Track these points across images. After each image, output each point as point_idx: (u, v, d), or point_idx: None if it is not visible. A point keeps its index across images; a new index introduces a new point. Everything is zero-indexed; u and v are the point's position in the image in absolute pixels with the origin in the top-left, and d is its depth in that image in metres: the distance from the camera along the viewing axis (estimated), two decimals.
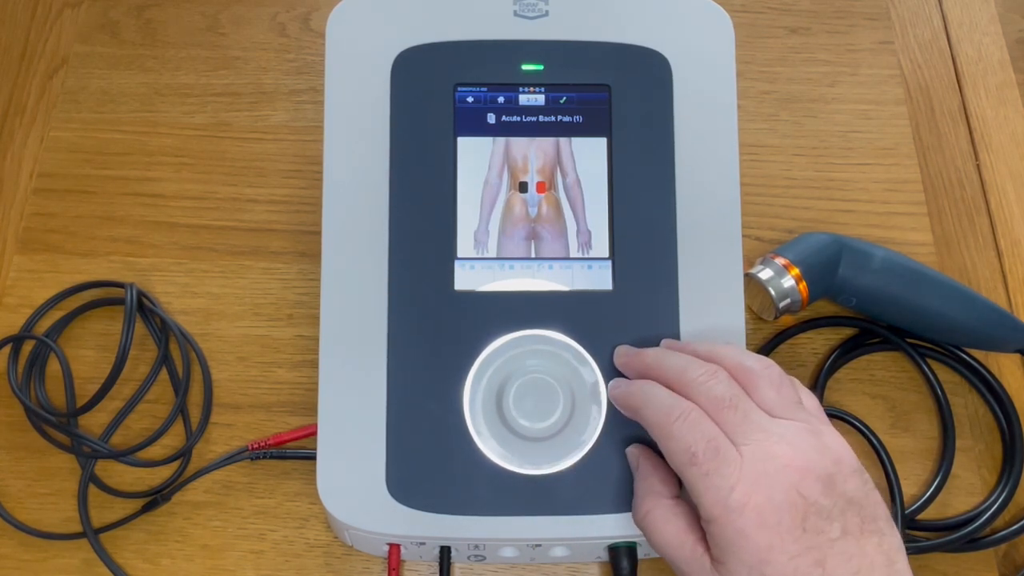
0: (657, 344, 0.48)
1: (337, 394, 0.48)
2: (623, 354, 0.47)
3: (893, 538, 0.40)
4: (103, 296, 0.59)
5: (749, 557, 0.39)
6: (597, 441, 0.47)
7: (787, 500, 0.39)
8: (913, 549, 0.53)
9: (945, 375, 0.58)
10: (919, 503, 0.54)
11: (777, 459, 0.40)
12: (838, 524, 0.39)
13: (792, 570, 0.38)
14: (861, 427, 0.55)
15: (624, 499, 0.47)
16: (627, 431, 0.47)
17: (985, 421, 0.58)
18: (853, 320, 0.59)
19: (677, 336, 0.48)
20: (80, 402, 0.55)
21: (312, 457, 0.50)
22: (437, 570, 0.50)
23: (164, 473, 0.55)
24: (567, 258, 0.49)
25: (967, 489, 0.56)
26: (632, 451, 0.47)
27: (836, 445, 0.41)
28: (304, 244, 0.61)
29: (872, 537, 0.39)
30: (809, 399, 0.44)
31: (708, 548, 0.41)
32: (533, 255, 0.49)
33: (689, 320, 0.48)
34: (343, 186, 0.49)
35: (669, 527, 0.42)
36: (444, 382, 0.48)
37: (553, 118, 0.50)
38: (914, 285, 0.56)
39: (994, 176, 0.65)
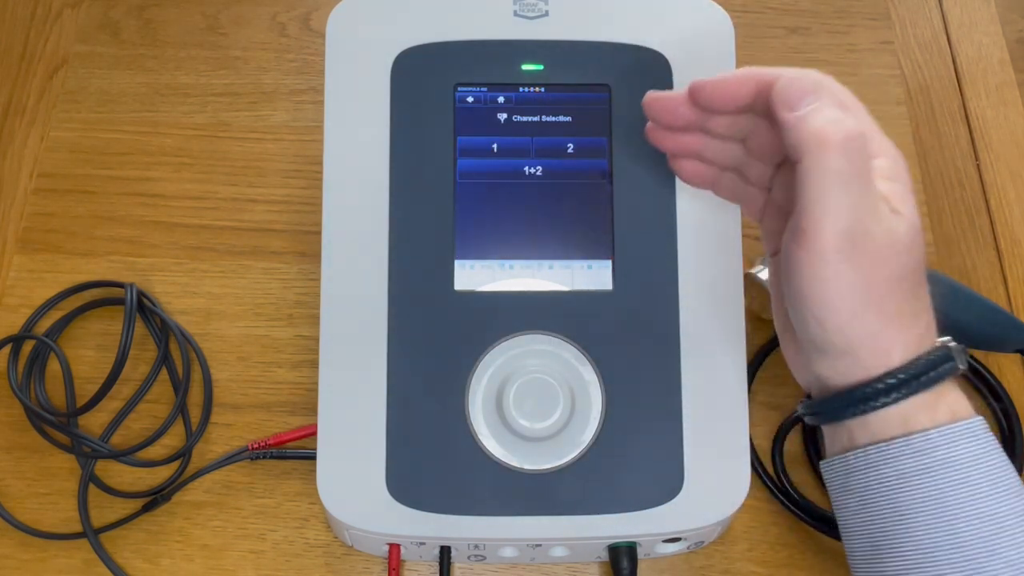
0: (657, 343, 0.48)
1: (337, 394, 0.48)
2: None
3: None
4: (103, 296, 0.59)
5: None
6: (597, 441, 0.47)
7: None
8: None
9: None
10: None
11: None
12: None
13: None
14: None
15: (624, 499, 0.47)
16: (627, 431, 0.47)
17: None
18: None
19: (677, 336, 0.48)
20: (80, 402, 0.55)
21: (312, 457, 0.50)
22: (437, 570, 0.50)
23: (164, 473, 0.55)
24: (567, 258, 0.49)
25: None
26: None
27: None
28: (304, 244, 0.61)
29: None
30: None
31: None
32: (533, 255, 0.49)
33: (689, 320, 0.48)
34: (343, 186, 0.49)
35: None
36: (444, 382, 0.48)
37: (553, 118, 0.50)
38: None
39: (994, 176, 0.65)
